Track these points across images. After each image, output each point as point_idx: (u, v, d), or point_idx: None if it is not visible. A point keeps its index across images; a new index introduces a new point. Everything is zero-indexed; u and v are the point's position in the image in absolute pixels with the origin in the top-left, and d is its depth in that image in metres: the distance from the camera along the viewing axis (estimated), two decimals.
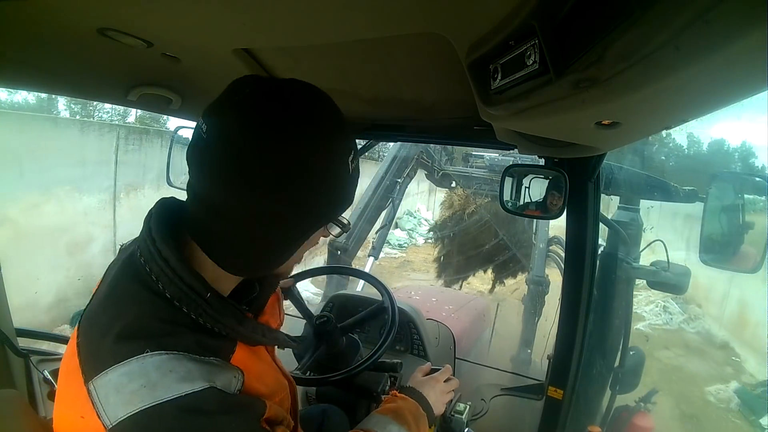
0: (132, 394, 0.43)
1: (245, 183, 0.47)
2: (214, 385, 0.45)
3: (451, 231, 4.67)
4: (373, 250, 2.57)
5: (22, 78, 0.86)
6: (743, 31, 0.27)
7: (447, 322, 1.58)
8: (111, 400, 0.43)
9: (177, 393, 0.43)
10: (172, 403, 0.42)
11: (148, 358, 0.44)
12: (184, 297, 0.48)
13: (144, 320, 0.47)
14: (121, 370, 0.44)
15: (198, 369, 0.46)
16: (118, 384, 0.43)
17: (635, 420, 1.59)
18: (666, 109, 0.47)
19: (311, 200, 0.50)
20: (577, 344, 1.05)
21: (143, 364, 0.44)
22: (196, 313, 0.49)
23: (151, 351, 0.44)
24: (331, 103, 0.56)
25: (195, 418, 0.43)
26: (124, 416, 0.42)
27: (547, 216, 1.06)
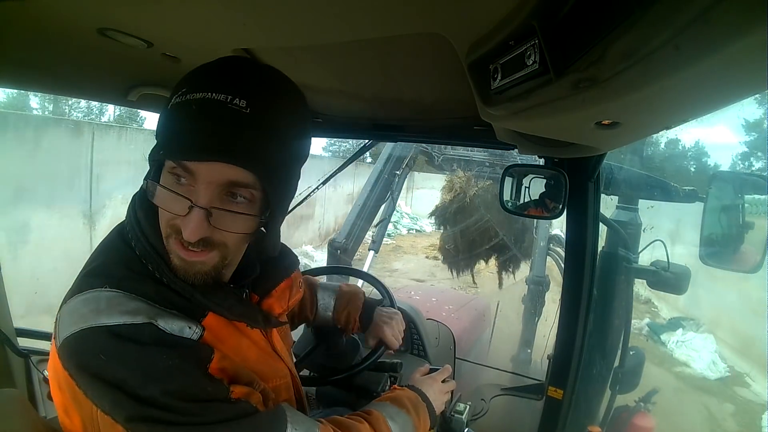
0: (80, 316, 0.48)
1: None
2: (154, 323, 0.49)
3: (455, 214, 4.62)
4: (373, 243, 2.56)
5: (22, 78, 0.87)
6: (743, 31, 0.27)
7: (447, 322, 1.58)
8: (65, 322, 0.49)
9: (116, 321, 0.48)
10: (108, 329, 0.47)
11: (105, 291, 0.50)
12: (147, 254, 0.54)
13: (113, 265, 0.53)
14: (80, 298, 0.50)
15: (145, 308, 0.50)
16: (74, 308, 0.50)
17: (635, 420, 1.59)
18: (666, 109, 0.47)
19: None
20: (577, 344, 1.05)
21: (98, 295, 0.50)
22: (159, 272, 0.53)
23: (109, 287, 0.50)
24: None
25: (125, 343, 0.47)
26: (68, 334, 0.48)
27: (547, 216, 1.06)
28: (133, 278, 0.52)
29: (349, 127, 1.24)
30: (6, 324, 1.09)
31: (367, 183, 2.52)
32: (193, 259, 0.52)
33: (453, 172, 4.38)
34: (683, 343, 5.43)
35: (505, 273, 4.47)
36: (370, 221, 2.44)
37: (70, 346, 0.47)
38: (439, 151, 3.48)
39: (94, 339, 0.47)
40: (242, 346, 0.60)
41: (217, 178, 0.49)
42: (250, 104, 0.48)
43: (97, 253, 0.57)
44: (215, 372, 0.52)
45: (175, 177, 0.50)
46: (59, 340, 0.48)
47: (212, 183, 0.49)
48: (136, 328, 0.48)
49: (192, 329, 0.52)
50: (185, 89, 0.49)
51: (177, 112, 0.49)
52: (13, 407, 0.62)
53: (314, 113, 1.15)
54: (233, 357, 0.56)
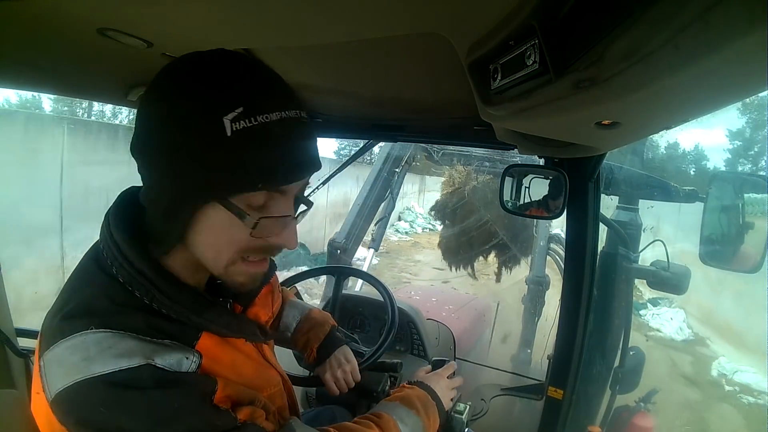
0: (71, 367, 0.44)
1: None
2: (151, 362, 0.45)
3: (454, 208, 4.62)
4: (373, 242, 2.55)
5: (22, 78, 0.86)
6: (743, 31, 0.27)
7: (447, 322, 1.58)
8: (53, 373, 0.45)
9: (112, 368, 0.43)
10: (104, 378, 0.43)
11: (91, 334, 0.45)
12: (134, 281, 0.49)
13: (95, 300, 0.49)
14: (65, 345, 0.45)
15: (139, 347, 0.46)
16: (61, 357, 0.45)
17: (635, 420, 1.59)
18: (666, 109, 0.47)
19: (165, 147, 0.46)
20: (577, 344, 1.05)
21: (85, 339, 0.45)
22: (148, 297, 0.49)
23: (95, 328, 0.46)
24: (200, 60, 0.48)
25: (125, 392, 0.43)
26: (62, 388, 0.44)
27: (547, 216, 1.06)
28: (120, 312, 0.48)
29: (349, 127, 1.24)
30: (6, 324, 1.09)
31: (366, 182, 2.51)
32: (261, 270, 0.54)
33: (452, 166, 4.38)
34: (658, 315, 6.45)
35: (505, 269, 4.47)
36: (369, 221, 2.44)
37: (65, 402, 0.44)
38: (438, 147, 3.47)
39: (90, 392, 0.43)
40: (237, 363, 0.57)
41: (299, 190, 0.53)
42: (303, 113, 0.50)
43: (74, 284, 0.52)
44: (221, 401, 0.49)
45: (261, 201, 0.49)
46: (50, 394, 0.44)
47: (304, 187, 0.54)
48: (134, 373, 0.44)
49: (190, 359, 0.49)
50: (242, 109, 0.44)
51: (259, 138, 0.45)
52: (12, 408, 0.62)
53: (314, 113, 1.15)
54: (232, 377, 0.53)
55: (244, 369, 0.58)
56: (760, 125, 16.91)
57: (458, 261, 4.73)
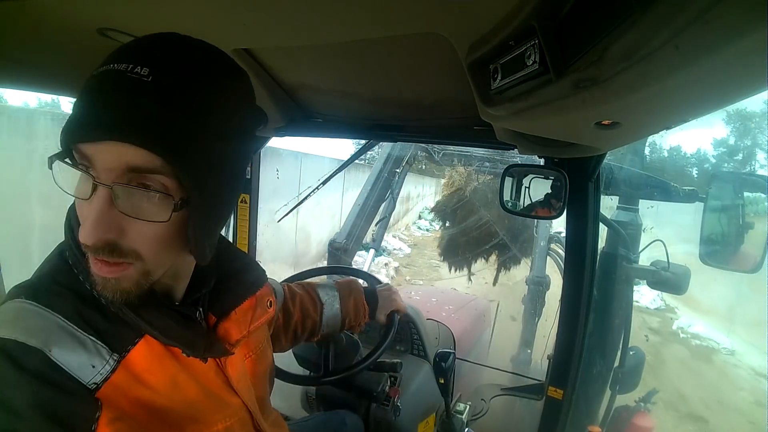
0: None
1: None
2: (46, 351, 0.42)
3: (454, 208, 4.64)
4: (373, 242, 2.55)
5: (22, 78, 0.86)
6: (743, 31, 0.27)
7: (447, 322, 1.58)
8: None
9: (7, 336, 0.42)
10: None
11: (18, 302, 0.45)
12: (79, 265, 0.47)
13: (41, 276, 0.49)
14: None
15: (48, 330, 0.43)
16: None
17: (635, 420, 1.59)
18: (666, 109, 0.47)
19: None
20: (577, 344, 1.05)
21: (10, 306, 0.45)
22: (89, 282, 0.46)
23: (24, 298, 0.45)
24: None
25: (4, 361, 0.41)
26: None
27: (547, 216, 1.06)
28: (54, 291, 0.46)
29: (349, 127, 1.24)
30: None
31: (367, 182, 2.51)
32: (105, 275, 0.43)
33: (453, 167, 4.40)
34: (638, 291, 7.29)
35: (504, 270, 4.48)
36: (370, 221, 2.44)
37: None
38: (439, 147, 3.46)
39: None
40: (177, 382, 0.50)
41: (115, 162, 0.41)
42: (154, 72, 0.40)
43: (41, 264, 0.52)
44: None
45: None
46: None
47: (111, 170, 0.41)
48: (22, 350, 0.41)
49: (96, 368, 0.44)
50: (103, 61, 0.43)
51: (88, 86, 0.42)
52: None
53: (314, 113, 1.15)
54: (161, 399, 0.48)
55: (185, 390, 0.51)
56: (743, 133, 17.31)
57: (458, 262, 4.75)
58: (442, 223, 5.06)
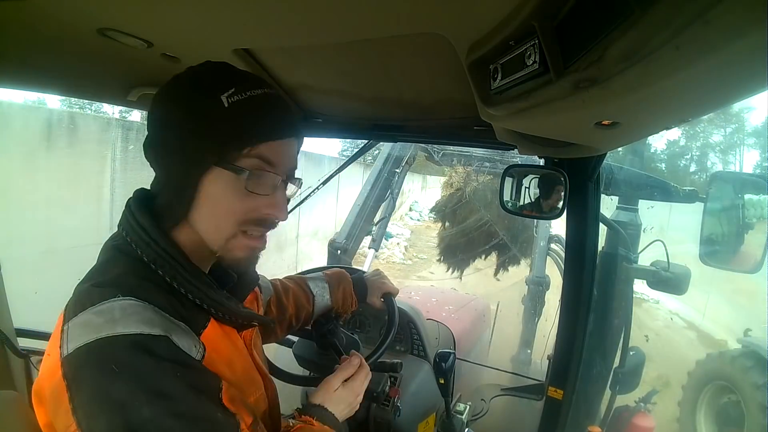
0: (95, 327, 0.46)
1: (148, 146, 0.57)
2: (170, 336, 0.48)
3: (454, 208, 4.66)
4: (373, 242, 2.54)
5: (22, 78, 0.86)
6: (743, 31, 0.27)
7: (447, 322, 1.58)
8: (77, 333, 0.46)
9: (134, 330, 0.46)
10: (126, 338, 0.45)
11: (118, 301, 0.48)
12: (159, 259, 0.53)
13: (123, 275, 0.52)
14: (93, 310, 0.47)
15: (160, 320, 0.48)
16: (88, 320, 0.47)
17: (635, 420, 1.59)
18: (666, 109, 0.47)
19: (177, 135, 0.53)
20: (577, 344, 1.05)
21: (112, 306, 0.48)
22: (170, 275, 0.53)
23: (122, 296, 0.48)
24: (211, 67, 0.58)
25: (143, 355, 0.45)
26: (82, 343, 0.45)
27: (547, 216, 1.06)
28: (145, 287, 0.51)
29: (349, 127, 1.24)
30: (6, 324, 1.09)
31: (367, 182, 2.50)
32: (259, 246, 0.58)
33: (453, 167, 4.40)
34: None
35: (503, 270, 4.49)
36: (370, 221, 2.43)
37: (81, 356, 0.45)
38: (439, 147, 3.46)
39: (109, 348, 0.44)
40: (233, 359, 0.58)
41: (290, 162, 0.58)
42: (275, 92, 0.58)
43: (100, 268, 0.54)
44: (226, 403, 0.50)
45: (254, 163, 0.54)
46: (67, 350, 0.45)
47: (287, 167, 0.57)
48: (153, 340, 0.46)
49: (197, 348, 0.51)
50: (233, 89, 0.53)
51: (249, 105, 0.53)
52: (13, 409, 0.62)
53: (314, 113, 1.15)
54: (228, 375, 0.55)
55: (237, 366, 0.59)
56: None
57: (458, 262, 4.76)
58: (441, 224, 5.06)
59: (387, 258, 8.11)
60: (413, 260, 8.20)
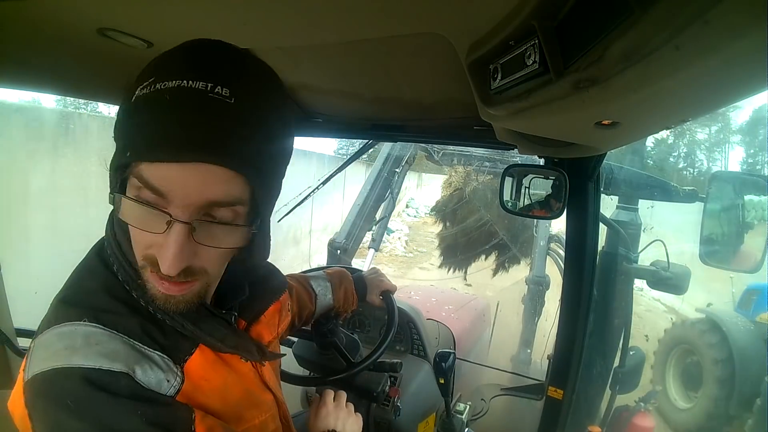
0: (54, 354, 0.43)
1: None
2: (131, 374, 0.43)
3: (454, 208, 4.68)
4: (373, 242, 2.54)
5: (22, 78, 0.86)
6: (743, 31, 0.27)
7: (447, 322, 1.58)
8: (37, 356, 0.44)
9: (91, 364, 0.42)
10: (82, 371, 0.41)
11: (82, 326, 0.44)
12: (131, 281, 0.47)
13: (92, 292, 0.47)
14: (55, 331, 0.44)
15: (125, 352, 0.44)
16: (48, 342, 0.44)
17: (635, 420, 1.59)
18: (666, 109, 0.47)
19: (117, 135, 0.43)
20: (577, 344, 1.05)
21: (75, 330, 0.44)
22: (144, 300, 0.46)
23: (87, 321, 0.44)
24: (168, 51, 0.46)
25: (98, 392, 0.41)
26: (38, 371, 0.42)
27: (547, 216, 1.06)
28: (115, 311, 0.46)
29: (349, 127, 1.24)
30: (6, 324, 1.09)
31: (367, 182, 2.50)
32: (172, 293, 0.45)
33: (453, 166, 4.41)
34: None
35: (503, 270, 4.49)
36: (370, 221, 2.43)
37: (36, 386, 0.42)
38: (438, 147, 3.46)
39: (64, 382, 0.41)
40: (228, 385, 0.53)
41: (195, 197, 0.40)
42: (234, 93, 0.39)
43: (76, 274, 0.50)
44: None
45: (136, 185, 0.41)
46: (27, 375, 0.43)
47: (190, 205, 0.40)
48: (111, 376, 0.42)
49: (170, 383, 0.46)
50: (153, 78, 0.40)
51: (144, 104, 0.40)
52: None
53: (314, 113, 1.15)
54: (215, 404, 0.50)
55: (233, 392, 0.53)
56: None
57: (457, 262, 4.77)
58: (442, 224, 5.08)
59: (390, 251, 8.55)
60: (414, 253, 8.67)
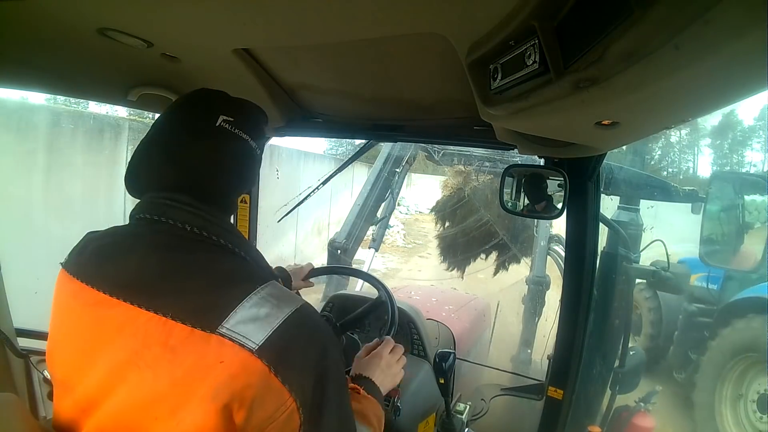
0: (267, 317, 0.49)
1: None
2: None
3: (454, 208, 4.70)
4: (373, 242, 2.54)
5: (22, 78, 0.86)
6: (743, 31, 0.27)
7: (447, 322, 1.58)
8: (249, 328, 0.48)
9: (294, 306, 0.52)
10: (299, 310, 0.52)
11: (261, 291, 0.52)
12: (243, 245, 0.58)
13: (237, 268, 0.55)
14: (245, 306, 0.50)
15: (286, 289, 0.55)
16: (251, 315, 0.49)
17: (635, 420, 1.59)
18: (666, 109, 0.47)
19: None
20: (577, 344, 1.05)
21: (262, 296, 0.51)
22: (249, 255, 0.58)
23: (260, 285, 0.52)
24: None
25: (315, 315, 0.54)
26: (271, 330, 0.49)
27: (547, 216, 1.06)
28: (255, 270, 0.57)
29: (349, 127, 1.24)
30: (6, 324, 1.09)
31: (367, 182, 2.50)
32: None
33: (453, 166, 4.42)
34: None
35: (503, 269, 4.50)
36: (370, 221, 2.43)
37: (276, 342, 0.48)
38: (439, 147, 3.46)
39: (302, 317, 0.51)
40: None
41: None
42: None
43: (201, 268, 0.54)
44: None
45: None
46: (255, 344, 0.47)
47: None
48: (305, 307, 0.53)
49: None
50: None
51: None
52: (10, 411, 0.61)
53: (314, 113, 1.15)
54: None
55: None
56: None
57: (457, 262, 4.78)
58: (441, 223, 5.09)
59: (391, 243, 9.30)
60: (412, 245, 9.84)
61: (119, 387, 0.48)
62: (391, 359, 0.86)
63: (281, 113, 1.07)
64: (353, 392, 0.76)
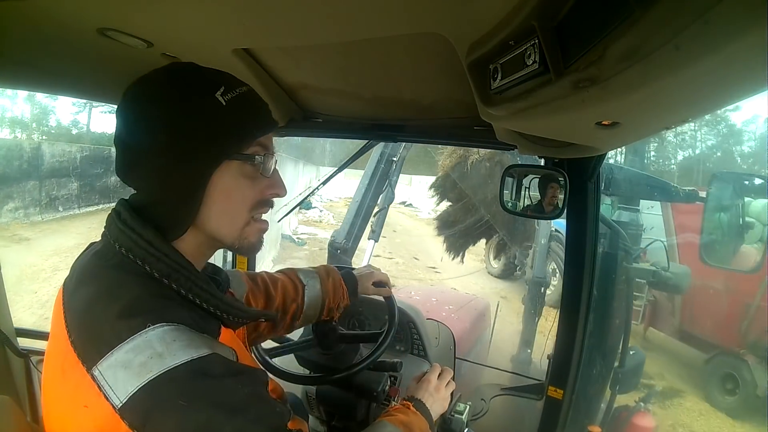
0: (140, 367, 0.43)
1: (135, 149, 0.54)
2: (216, 352, 0.47)
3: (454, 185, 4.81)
4: (372, 233, 2.52)
5: (22, 78, 0.86)
6: (743, 31, 0.27)
7: (447, 322, 1.57)
8: (119, 378, 0.43)
9: (184, 359, 0.44)
10: (180, 368, 0.43)
11: (150, 331, 0.44)
12: (173, 273, 0.51)
13: (139, 300, 0.48)
14: (125, 348, 0.44)
15: (199, 338, 0.47)
16: (125, 361, 0.43)
17: (635, 420, 1.59)
18: (666, 109, 0.47)
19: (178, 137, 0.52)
20: (577, 344, 1.05)
21: (147, 338, 0.44)
22: (185, 288, 0.51)
23: (152, 324, 0.45)
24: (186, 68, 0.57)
25: (204, 380, 0.44)
26: (135, 389, 0.42)
27: (547, 216, 1.06)
28: (167, 306, 0.48)
29: (349, 127, 1.24)
30: (6, 324, 1.09)
31: (364, 177, 2.47)
32: (266, 226, 0.60)
33: None
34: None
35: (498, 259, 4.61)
36: (368, 218, 2.41)
37: (142, 402, 0.42)
38: None
39: (167, 386, 0.42)
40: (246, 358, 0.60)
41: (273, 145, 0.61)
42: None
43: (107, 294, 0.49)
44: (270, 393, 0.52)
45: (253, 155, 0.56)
46: (119, 400, 0.42)
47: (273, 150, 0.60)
48: (206, 362, 0.45)
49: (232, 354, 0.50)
50: (224, 88, 0.54)
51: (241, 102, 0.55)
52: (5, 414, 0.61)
53: (314, 113, 1.15)
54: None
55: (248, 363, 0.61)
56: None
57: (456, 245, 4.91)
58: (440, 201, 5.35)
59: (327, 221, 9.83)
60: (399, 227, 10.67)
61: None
62: (439, 384, 0.89)
63: (281, 113, 1.07)
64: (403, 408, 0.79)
